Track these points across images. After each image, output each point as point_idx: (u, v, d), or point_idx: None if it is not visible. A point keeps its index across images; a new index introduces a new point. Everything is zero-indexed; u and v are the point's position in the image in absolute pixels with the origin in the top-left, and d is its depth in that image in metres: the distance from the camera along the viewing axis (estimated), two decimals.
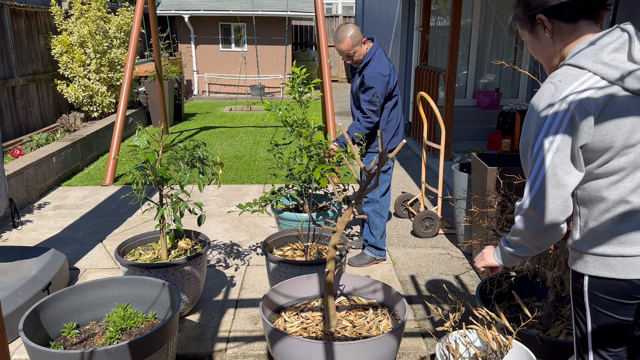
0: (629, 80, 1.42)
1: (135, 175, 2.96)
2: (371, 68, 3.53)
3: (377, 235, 3.83)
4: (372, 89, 3.48)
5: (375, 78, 3.47)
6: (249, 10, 12.70)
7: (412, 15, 8.47)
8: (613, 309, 1.56)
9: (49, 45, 8.05)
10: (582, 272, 1.59)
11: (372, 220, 3.83)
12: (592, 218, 1.56)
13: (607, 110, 1.44)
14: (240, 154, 7.37)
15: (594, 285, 1.57)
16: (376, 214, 3.81)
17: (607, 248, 1.53)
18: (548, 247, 1.63)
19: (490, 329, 2.15)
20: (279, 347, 2.34)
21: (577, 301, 1.64)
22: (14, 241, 4.32)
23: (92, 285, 2.73)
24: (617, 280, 1.52)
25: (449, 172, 5.80)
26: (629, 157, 1.47)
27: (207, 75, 13.73)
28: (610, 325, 1.58)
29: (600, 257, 1.54)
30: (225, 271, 3.80)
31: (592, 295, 1.58)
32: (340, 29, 3.54)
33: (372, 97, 3.49)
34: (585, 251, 1.58)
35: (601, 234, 1.54)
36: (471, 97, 8.61)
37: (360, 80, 3.59)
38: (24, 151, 6.22)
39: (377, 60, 3.54)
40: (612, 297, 1.55)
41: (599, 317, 1.59)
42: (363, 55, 3.59)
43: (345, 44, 3.49)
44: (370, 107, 3.51)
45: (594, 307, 1.59)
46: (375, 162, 2.32)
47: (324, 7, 7.50)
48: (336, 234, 2.44)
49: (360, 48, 3.55)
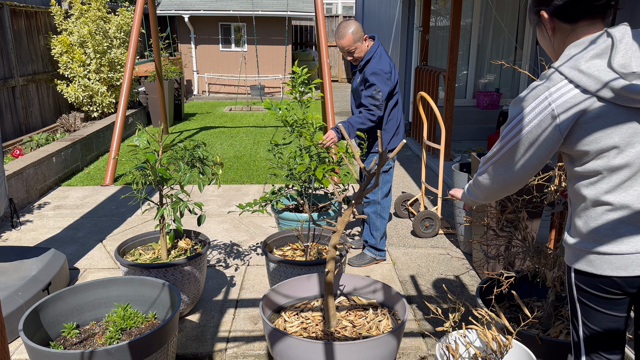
0: (603, 91, 1.43)
1: (135, 175, 2.96)
2: (373, 65, 3.52)
3: (377, 236, 3.83)
4: (374, 85, 3.46)
5: (377, 74, 3.46)
6: (249, 10, 12.70)
7: (412, 15, 8.47)
8: (598, 302, 1.60)
9: (49, 45, 8.05)
10: (569, 265, 1.65)
11: (372, 221, 3.82)
12: (575, 214, 1.62)
13: (582, 120, 1.46)
14: (240, 154, 7.37)
15: (578, 279, 1.62)
16: (377, 216, 3.80)
17: (587, 244, 1.58)
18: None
19: (490, 329, 2.15)
20: (279, 347, 2.34)
21: (569, 294, 1.70)
22: (14, 241, 4.32)
23: (92, 285, 2.73)
24: (596, 275, 1.57)
25: (449, 172, 5.80)
26: (603, 161, 1.50)
27: (207, 75, 13.73)
28: (601, 322, 1.61)
29: (582, 251, 1.59)
30: (225, 271, 3.80)
31: (578, 287, 1.63)
32: (342, 25, 3.55)
33: (373, 92, 3.47)
34: (571, 245, 1.63)
35: (583, 230, 1.59)
36: (471, 97, 8.61)
37: (361, 77, 3.59)
38: (24, 151, 6.22)
39: (379, 58, 3.54)
40: (595, 291, 1.59)
41: (588, 312, 1.63)
42: (364, 52, 3.58)
43: (347, 39, 3.48)
44: (372, 102, 3.47)
45: (582, 299, 1.63)
46: (376, 162, 2.32)
47: (324, 7, 7.50)
48: (336, 234, 2.44)
49: (362, 45, 3.54)
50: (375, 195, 3.78)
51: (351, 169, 2.51)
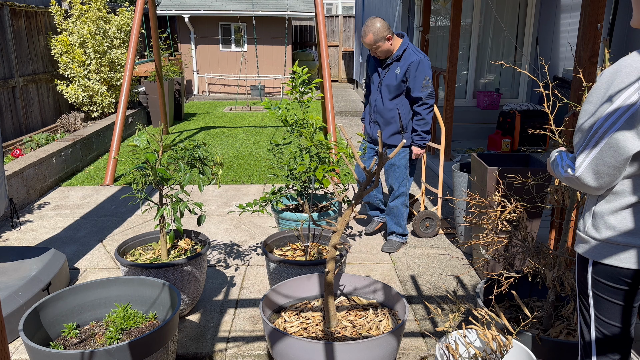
0: None
1: (135, 175, 2.96)
2: (412, 56, 3.62)
3: (404, 224, 4.06)
4: (423, 73, 3.59)
5: (423, 62, 3.59)
6: (249, 10, 12.70)
7: (412, 15, 8.47)
8: (616, 295, 1.61)
9: (49, 45, 8.05)
10: (589, 258, 1.64)
11: (400, 212, 4.01)
12: (610, 208, 1.60)
13: None
14: (240, 154, 7.38)
15: (597, 272, 1.62)
16: (404, 206, 4.01)
17: (619, 238, 1.57)
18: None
19: (490, 329, 2.15)
20: (279, 347, 2.34)
21: (581, 289, 1.69)
22: (14, 241, 4.32)
23: (92, 285, 2.73)
24: (621, 268, 1.57)
25: (449, 172, 5.80)
26: None
27: (207, 75, 13.73)
28: (615, 314, 1.62)
29: (609, 245, 1.59)
30: (225, 271, 3.80)
31: (595, 281, 1.63)
32: (368, 22, 3.63)
33: (424, 82, 3.60)
34: (596, 238, 1.62)
35: (616, 224, 1.58)
36: (471, 97, 8.61)
37: (403, 70, 3.64)
38: (24, 151, 6.22)
39: (415, 50, 3.66)
40: (615, 284, 1.60)
41: (602, 305, 1.63)
42: (386, 51, 3.64)
43: (368, 38, 3.58)
44: (426, 92, 3.62)
45: (597, 293, 1.64)
46: (376, 162, 2.32)
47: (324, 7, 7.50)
48: (336, 234, 2.44)
49: (383, 44, 3.59)
50: (404, 188, 3.93)
51: (351, 169, 2.51)
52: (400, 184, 3.91)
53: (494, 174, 3.25)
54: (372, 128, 3.94)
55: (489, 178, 3.29)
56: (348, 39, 17.13)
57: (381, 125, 3.84)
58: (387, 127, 3.82)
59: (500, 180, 3.19)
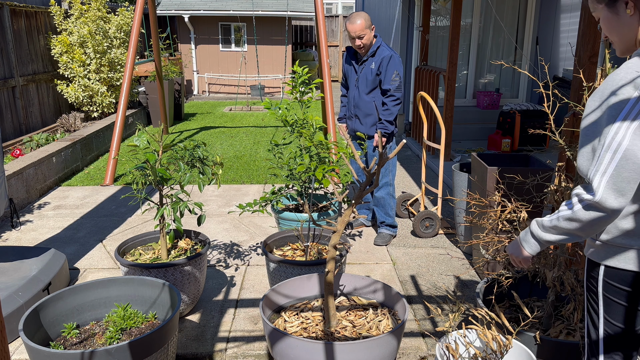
0: None
1: (135, 175, 2.96)
2: (385, 51, 3.91)
3: (392, 214, 4.26)
4: (393, 67, 3.86)
5: (394, 58, 3.88)
6: (249, 10, 12.70)
7: (412, 15, 8.47)
8: (628, 298, 1.58)
9: (49, 45, 8.05)
10: (600, 262, 1.61)
11: (387, 202, 4.21)
12: (625, 213, 1.56)
13: None
14: (240, 154, 7.38)
15: (609, 275, 1.59)
16: (390, 196, 4.21)
17: (633, 242, 1.54)
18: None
19: (490, 329, 2.15)
20: (279, 347, 2.34)
21: (591, 291, 1.66)
22: (14, 241, 4.32)
23: (92, 285, 2.73)
24: (633, 272, 1.55)
25: (449, 172, 5.80)
26: None
27: (207, 75, 13.73)
28: (624, 318, 1.60)
29: (623, 248, 1.56)
30: (225, 271, 3.80)
31: (607, 284, 1.60)
32: (353, 14, 3.95)
33: (394, 75, 3.86)
34: (608, 242, 1.59)
35: (633, 229, 1.55)
36: (471, 97, 8.61)
37: (377, 64, 3.91)
38: (24, 151, 6.22)
39: (387, 47, 3.95)
40: (628, 287, 1.57)
41: (612, 308, 1.61)
42: (369, 42, 3.92)
43: (359, 25, 3.83)
44: (394, 85, 3.86)
45: (607, 296, 1.61)
46: (376, 162, 2.32)
47: (324, 7, 7.50)
48: (336, 234, 2.44)
49: (370, 32, 3.91)
50: (387, 178, 4.15)
51: (351, 169, 2.51)
52: (383, 174, 4.15)
53: (494, 174, 3.25)
54: (353, 122, 4.21)
55: (489, 178, 3.29)
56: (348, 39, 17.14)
57: (361, 119, 4.10)
58: (365, 119, 4.08)
59: (500, 180, 3.19)
